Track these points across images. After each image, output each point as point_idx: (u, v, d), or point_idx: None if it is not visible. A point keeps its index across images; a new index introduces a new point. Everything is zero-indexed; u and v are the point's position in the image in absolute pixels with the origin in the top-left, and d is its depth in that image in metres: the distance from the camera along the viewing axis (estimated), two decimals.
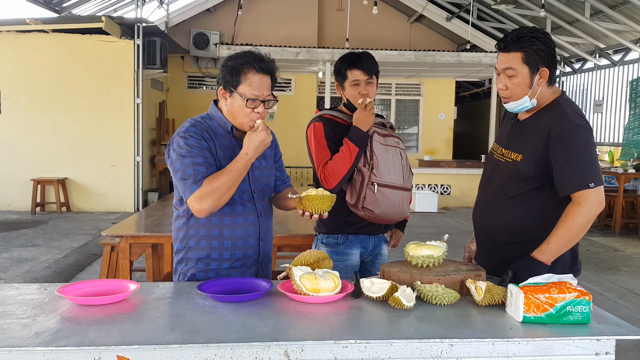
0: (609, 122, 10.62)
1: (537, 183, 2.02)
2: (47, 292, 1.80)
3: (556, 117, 1.96)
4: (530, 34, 1.94)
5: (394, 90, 13.36)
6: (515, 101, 2.00)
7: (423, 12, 12.10)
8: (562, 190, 1.94)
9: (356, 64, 2.50)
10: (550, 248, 1.88)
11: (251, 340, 1.42)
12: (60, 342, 1.40)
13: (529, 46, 1.93)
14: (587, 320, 1.56)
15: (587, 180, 1.88)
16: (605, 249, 7.18)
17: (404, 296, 1.65)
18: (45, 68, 9.21)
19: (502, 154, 2.12)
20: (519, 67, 1.95)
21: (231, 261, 2.04)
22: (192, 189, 1.88)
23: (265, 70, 1.96)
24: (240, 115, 1.98)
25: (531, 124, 2.04)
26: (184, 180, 1.90)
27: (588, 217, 1.89)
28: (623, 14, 9.09)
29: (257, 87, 1.94)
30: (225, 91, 1.99)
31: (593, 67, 11.10)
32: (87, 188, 9.46)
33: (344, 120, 2.55)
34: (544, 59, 1.95)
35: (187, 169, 1.90)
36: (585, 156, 1.90)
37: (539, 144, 1.97)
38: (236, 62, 1.95)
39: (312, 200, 1.95)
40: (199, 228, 2.02)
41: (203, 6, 11.96)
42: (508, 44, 1.95)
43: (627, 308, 4.79)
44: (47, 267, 5.63)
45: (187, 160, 1.91)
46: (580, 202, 1.88)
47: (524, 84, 1.96)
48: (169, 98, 12.04)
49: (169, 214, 3.92)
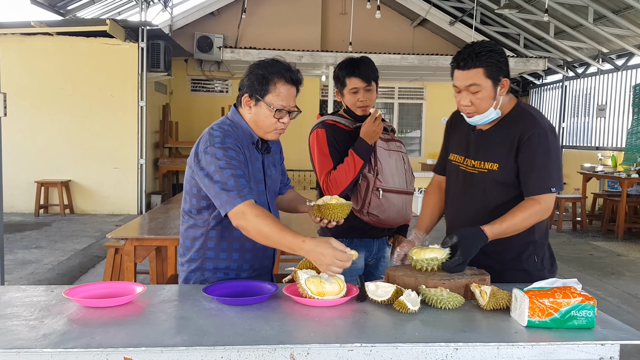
0: (612, 126, 10.61)
1: (520, 189, 2.06)
2: (54, 294, 1.81)
3: (526, 122, 2.04)
4: (487, 48, 1.97)
5: (397, 94, 13.37)
6: (482, 114, 2.03)
7: (426, 16, 12.10)
8: (526, 191, 2.02)
9: (354, 71, 2.51)
10: (502, 228, 1.95)
11: (257, 343, 1.43)
12: (68, 343, 1.41)
13: (489, 60, 1.96)
14: (592, 324, 1.57)
15: (550, 185, 1.99)
16: (609, 254, 7.17)
17: (409, 300, 1.66)
18: (50, 71, 9.25)
19: (473, 165, 2.13)
20: (483, 81, 1.97)
21: (249, 271, 2.05)
22: (235, 202, 1.81)
23: (294, 81, 1.95)
24: (265, 124, 1.97)
25: (499, 132, 2.08)
26: (226, 192, 1.82)
27: (541, 216, 2.00)
28: (626, 18, 9.08)
29: (285, 97, 1.94)
30: (250, 99, 1.96)
31: (596, 71, 11.09)
32: (90, 190, 9.49)
33: (345, 125, 2.56)
34: (502, 70, 2.00)
35: (229, 181, 1.82)
36: (553, 161, 2.01)
37: (512, 151, 2.03)
38: (266, 70, 1.92)
39: (333, 209, 1.96)
40: (220, 241, 2.00)
41: (207, 9, 11.99)
42: (467, 61, 1.96)
43: (631, 313, 4.78)
44: (50, 269, 5.64)
45: (227, 172, 1.83)
46: (540, 202, 1.99)
47: (489, 97, 2.00)
48: (172, 101, 12.07)
49: (173, 217, 3.93)
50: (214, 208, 1.94)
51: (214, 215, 1.97)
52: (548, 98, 13.28)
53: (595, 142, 11.25)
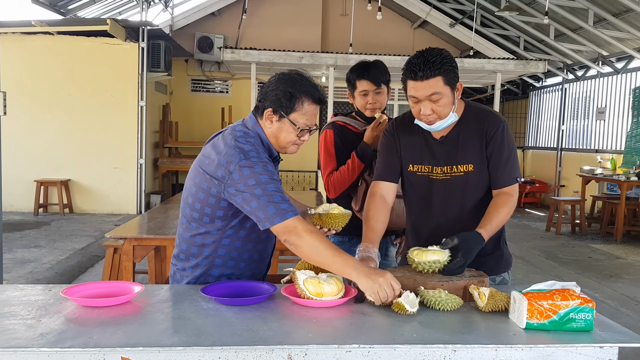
0: (612, 129, 10.62)
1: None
2: (52, 294, 1.80)
3: (486, 118, 2.11)
4: (440, 55, 2.00)
5: (397, 96, 13.37)
6: (442, 120, 2.05)
7: (427, 18, 12.11)
8: (496, 184, 2.11)
9: (364, 74, 2.57)
10: (492, 229, 2.01)
11: (255, 344, 1.43)
12: (65, 343, 1.40)
13: (445, 67, 1.98)
14: (590, 327, 1.56)
15: (515, 175, 2.11)
16: (607, 257, 7.17)
17: (407, 301, 1.66)
18: (50, 70, 9.25)
19: (444, 172, 2.13)
20: (443, 89, 1.99)
21: (250, 278, 2.06)
22: (286, 216, 1.78)
23: (320, 101, 1.95)
24: (285, 140, 1.95)
25: (463, 134, 2.12)
26: (274, 205, 1.79)
27: (514, 206, 2.10)
28: (626, 21, 9.09)
29: (310, 117, 1.93)
30: (274, 114, 1.91)
31: (596, 74, 11.09)
32: (90, 190, 9.48)
33: (355, 127, 2.63)
34: (456, 74, 2.05)
35: (274, 195, 1.80)
36: (514, 153, 2.12)
37: (483, 148, 2.10)
38: (294, 88, 1.89)
39: (334, 219, 2.00)
40: (232, 250, 1.98)
41: (208, 10, 11.99)
42: (426, 71, 1.96)
43: (629, 316, 4.78)
44: (49, 268, 5.64)
45: (271, 186, 1.81)
46: (512, 194, 2.09)
47: (449, 103, 2.03)
48: (172, 101, 12.07)
49: (172, 217, 3.93)
50: (231, 218, 1.93)
51: (231, 225, 1.95)
52: (548, 101, 13.29)
53: (594, 144, 11.25)
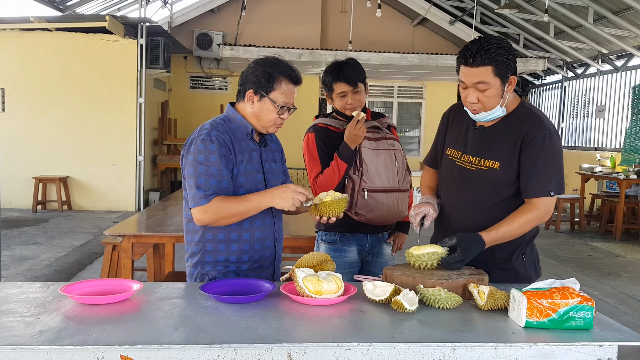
0: (611, 127, 10.62)
1: (516, 189, 2.05)
2: (50, 291, 1.80)
3: (531, 122, 2.00)
4: (496, 45, 1.90)
5: (397, 93, 13.36)
6: (488, 111, 1.99)
7: (426, 15, 12.09)
8: (525, 193, 2.01)
9: (339, 76, 2.57)
10: (498, 235, 1.95)
11: (254, 342, 1.42)
12: (64, 340, 1.40)
13: (498, 58, 1.90)
14: (590, 326, 1.56)
15: (549, 188, 1.97)
16: (606, 255, 7.18)
17: (406, 300, 1.66)
18: (49, 66, 9.22)
19: (470, 162, 2.08)
20: (491, 80, 1.92)
21: (250, 263, 2.07)
22: (200, 202, 1.92)
23: (297, 81, 2.07)
24: (267, 119, 2.05)
25: (502, 131, 2.04)
26: (194, 189, 1.93)
27: (538, 221, 1.99)
28: (626, 19, 9.08)
29: (288, 95, 2.05)
30: (255, 94, 2.04)
31: (596, 72, 11.09)
32: (88, 187, 9.47)
33: (337, 127, 2.64)
34: (511, 67, 1.95)
35: (199, 178, 1.94)
36: (553, 163, 1.98)
37: (516, 150, 2.00)
38: (272, 68, 2.02)
39: (329, 206, 1.97)
40: (217, 232, 2.03)
41: (207, 7, 11.96)
42: (476, 58, 1.89)
43: (628, 314, 4.79)
44: (48, 265, 5.63)
45: (201, 167, 1.94)
46: (539, 207, 1.98)
47: (497, 95, 1.95)
48: (171, 98, 12.05)
49: (171, 214, 3.92)
50: None
51: None
52: (547, 98, 13.29)
53: (594, 142, 11.25)
